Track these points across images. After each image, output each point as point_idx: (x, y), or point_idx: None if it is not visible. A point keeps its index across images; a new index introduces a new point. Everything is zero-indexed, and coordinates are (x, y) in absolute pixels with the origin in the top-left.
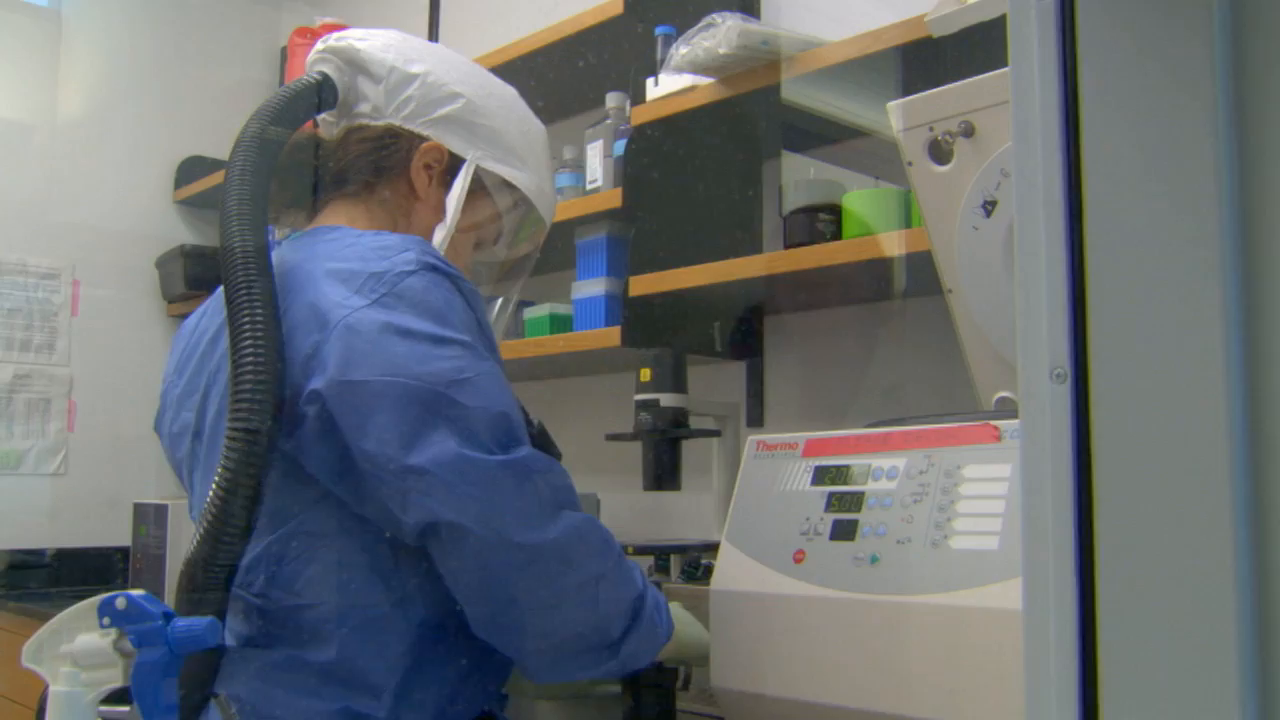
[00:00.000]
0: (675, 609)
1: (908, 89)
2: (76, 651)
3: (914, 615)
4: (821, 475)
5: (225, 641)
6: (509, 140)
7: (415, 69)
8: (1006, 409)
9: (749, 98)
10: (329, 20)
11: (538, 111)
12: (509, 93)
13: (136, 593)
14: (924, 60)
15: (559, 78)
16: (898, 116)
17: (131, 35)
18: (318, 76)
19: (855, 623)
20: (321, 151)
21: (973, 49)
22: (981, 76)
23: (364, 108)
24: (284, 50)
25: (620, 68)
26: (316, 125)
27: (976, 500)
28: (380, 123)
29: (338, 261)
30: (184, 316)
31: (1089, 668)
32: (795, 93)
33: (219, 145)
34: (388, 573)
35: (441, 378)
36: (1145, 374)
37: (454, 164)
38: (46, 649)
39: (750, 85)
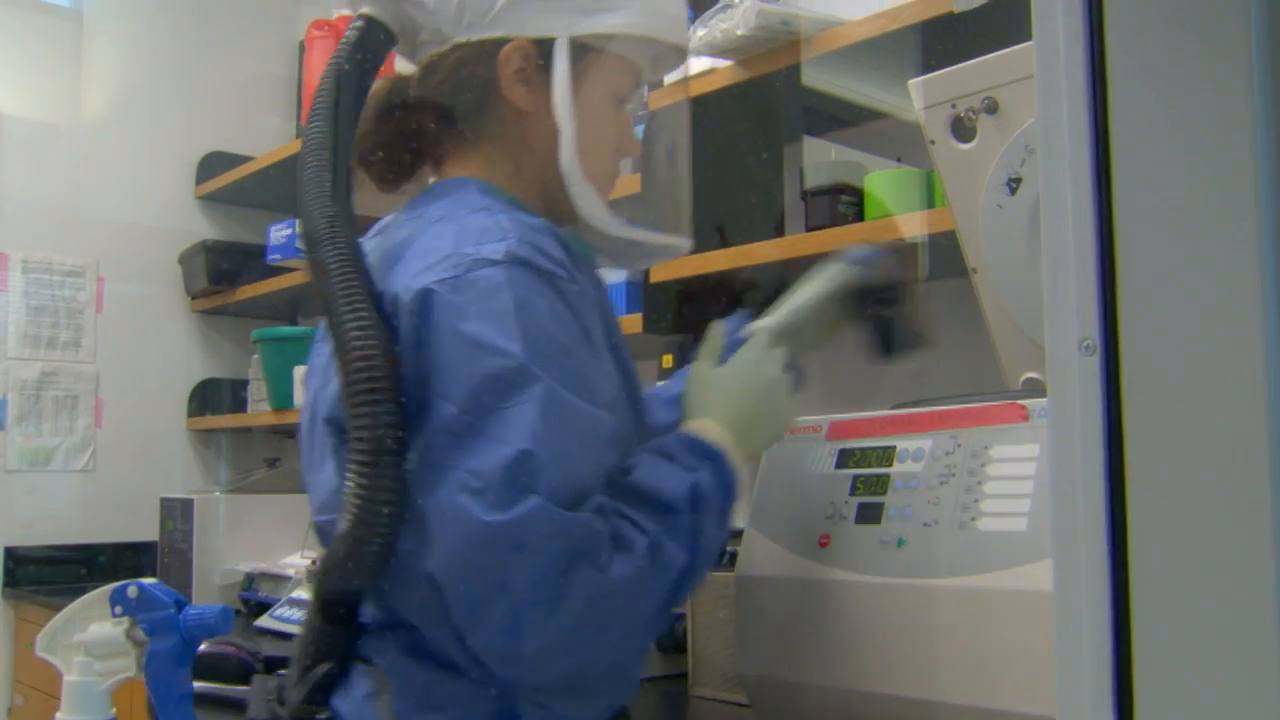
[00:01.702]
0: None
1: (928, 67)
2: (89, 641)
3: (941, 599)
4: (846, 458)
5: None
6: None
7: None
8: (1033, 389)
9: (768, 80)
10: (346, 12)
11: None
12: None
13: (148, 581)
14: (945, 37)
15: None
16: (919, 94)
17: (151, 33)
18: (361, 21)
19: (882, 607)
20: (413, 100)
21: (995, 23)
22: (1004, 51)
23: (423, 34)
24: (302, 44)
25: None
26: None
27: (1004, 481)
28: (447, 46)
29: (432, 236)
30: (206, 312)
31: (1123, 649)
32: (815, 75)
33: (239, 140)
34: None
35: (463, 396)
36: (1177, 344)
37: (546, 52)
38: (59, 638)
39: (769, 67)
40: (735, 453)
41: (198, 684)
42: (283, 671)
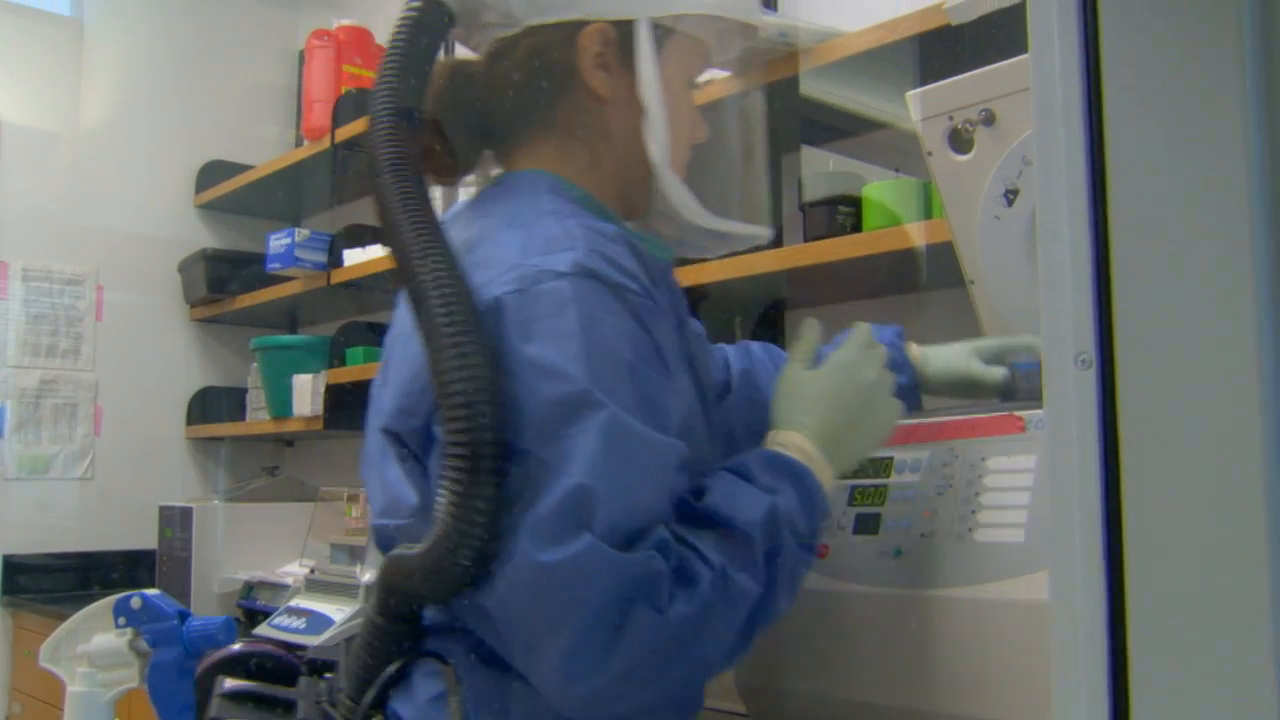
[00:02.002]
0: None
1: (926, 79)
2: (93, 652)
3: (939, 609)
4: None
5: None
6: None
7: None
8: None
9: (767, 90)
10: (347, 23)
11: None
12: None
13: (152, 592)
14: (942, 49)
15: None
16: (917, 106)
17: (151, 42)
18: (417, 3)
19: (879, 617)
20: (479, 85)
21: (992, 36)
22: (1002, 63)
23: (489, 16)
24: (302, 53)
25: None
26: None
27: (1001, 492)
28: (517, 29)
29: (499, 244)
30: (205, 320)
31: (1119, 660)
32: (813, 85)
33: (239, 149)
34: None
35: (523, 422)
36: (1172, 357)
37: (624, 35)
38: (63, 649)
39: (769, 78)
40: (824, 468)
41: (241, 683)
42: (329, 675)
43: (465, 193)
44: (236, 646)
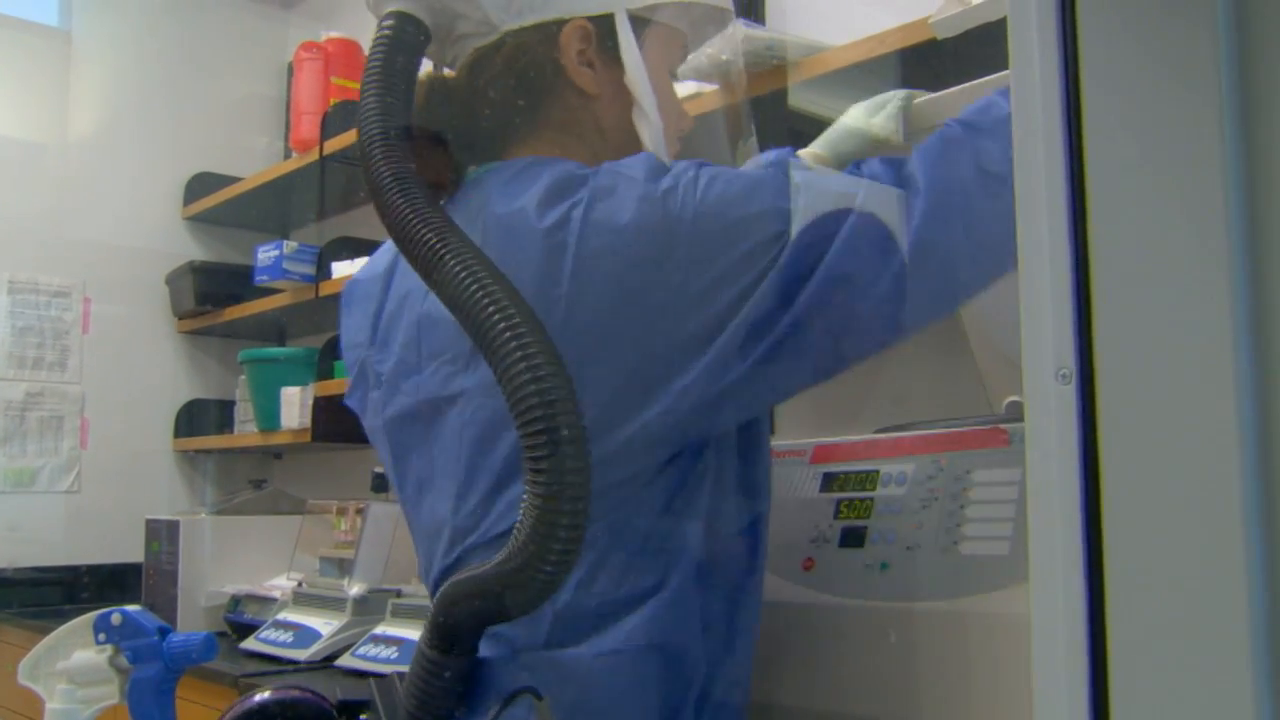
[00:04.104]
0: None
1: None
2: (72, 668)
3: (924, 622)
4: (830, 482)
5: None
6: None
7: None
8: (1016, 413)
9: (754, 104)
10: (335, 35)
11: None
12: None
13: (132, 608)
14: (929, 63)
15: None
16: (902, 120)
17: (139, 54)
18: (395, 19)
19: (865, 630)
20: (460, 99)
21: (977, 50)
22: (986, 79)
23: (465, 26)
24: (290, 65)
25: None
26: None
27: (986, 505)
28: (495, 36)
29: (605, 193)
30: (193, 332)
31: (1099, 673)
32: (801, 97)
33: (227, 161)
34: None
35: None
36: (1152, 373)
37: (603, 31)
38: (42, 666)
39: (755, 91)
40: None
41: None
42: (363, 716)
43: None
44: (261, 696)
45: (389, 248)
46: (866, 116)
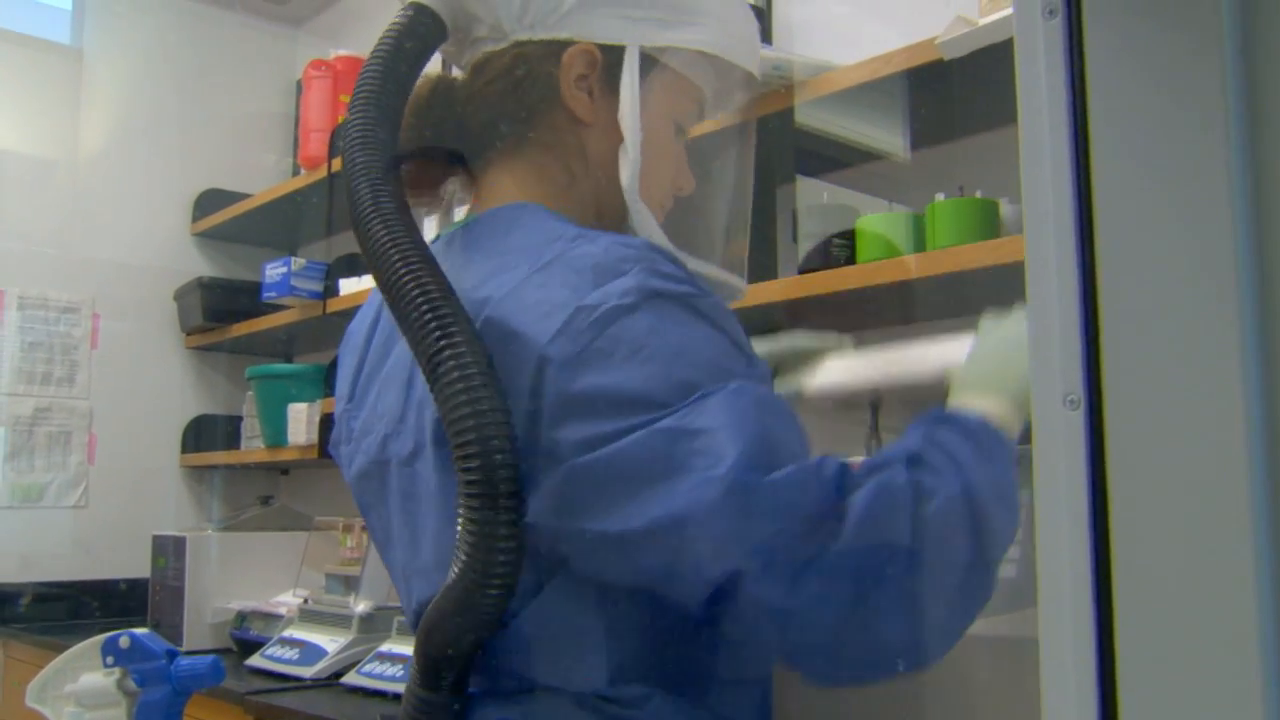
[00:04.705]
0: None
1: (919, 111)
2: (80, 691)
3: None
4: None
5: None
6: None
7: None
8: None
9: (761, 123)
10: (344, 53)
11: None
12: None
13: (140, 631)
14: (935, 83)
15: None
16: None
17: (150, 71)
18: (411, 10)
19: None
20: (459, 99)
21: (983, 70)
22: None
23: (480, 30)
24: (299, 83)
25: None
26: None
27: None
28: (505, 44)
29: (537, 286)
30: (201, 348)
31: (1108, 699)
32: (808, 116)
33: (236, 178)
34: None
35: (638, 468)
36: (1160, 400)
37: (612, 61)
38: (50, 688)
39: (762, 110)
40: (988, 405)
41: None
42: None
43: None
44: None
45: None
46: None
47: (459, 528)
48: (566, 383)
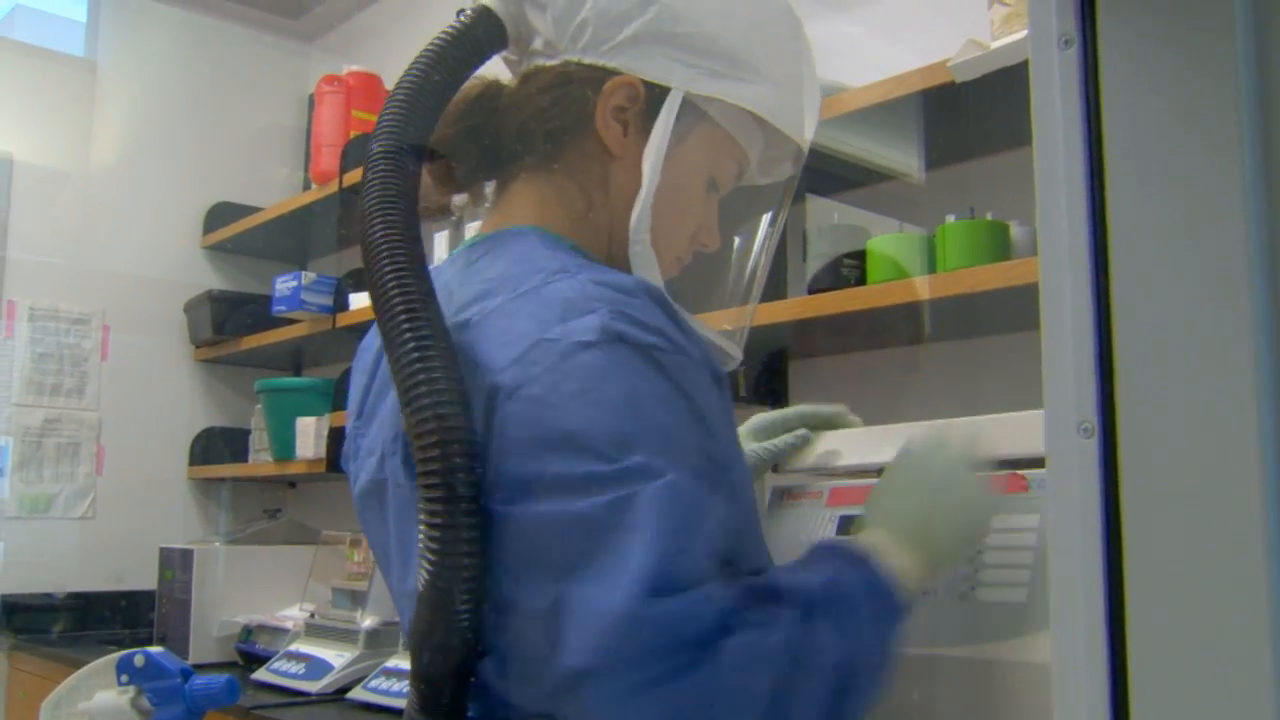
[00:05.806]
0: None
1: (931, 133)
2: (94, 710)
3: (941, 669)
4: (847, 525)
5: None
6: (730, 43)
7: None
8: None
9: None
10: (356, 69)
11: None
12: None
13: (155, 650)
14: (948, 105)
15: None
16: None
17: (163, 84)
18: (473, 13)
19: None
20: (501, 105)
21: (995, 93)
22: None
23: (538, 43)
24: (311, 98)
25: None
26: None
27: (1004, 551)
28: (555, 61)
29: (505, 315)
30: (210, 361)
31: None
32: (820, 136)
33: (247, 191)
34: None
35: (581, 522)
36: (1174, 427)
37: (655, 100)
38: (64, 706)
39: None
40: (903, 559)
41: None
42: None
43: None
44: None
45: None
46: (753, 438)
47: (420, 533)
48: (507, 411)
